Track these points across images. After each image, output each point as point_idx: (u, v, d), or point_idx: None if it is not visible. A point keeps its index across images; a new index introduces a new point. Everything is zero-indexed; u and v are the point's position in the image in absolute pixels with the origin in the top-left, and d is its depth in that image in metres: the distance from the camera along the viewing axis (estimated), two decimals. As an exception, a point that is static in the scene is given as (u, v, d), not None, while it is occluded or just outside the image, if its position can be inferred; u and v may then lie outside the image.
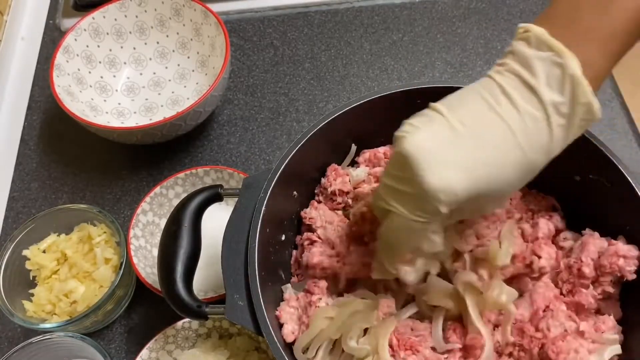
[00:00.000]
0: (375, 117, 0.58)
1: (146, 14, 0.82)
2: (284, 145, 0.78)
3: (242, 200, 0.54)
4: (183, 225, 0.54)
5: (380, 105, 0.57)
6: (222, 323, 0.61)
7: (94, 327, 0.64)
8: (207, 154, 0.79)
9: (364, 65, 0.85)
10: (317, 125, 0.56)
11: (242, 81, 0.85)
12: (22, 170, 0.79)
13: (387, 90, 0.57)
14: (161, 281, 0.52)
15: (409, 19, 0.89)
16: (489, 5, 0.89)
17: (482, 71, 0.82)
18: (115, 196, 0.76)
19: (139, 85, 0.83)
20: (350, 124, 0.58)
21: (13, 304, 0.61)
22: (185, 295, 0.51)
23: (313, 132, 0.55)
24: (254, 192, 0.53)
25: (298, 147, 0.55)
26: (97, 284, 0.64)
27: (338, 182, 0.58)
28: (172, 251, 0.53)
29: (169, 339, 0.60)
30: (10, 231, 0.73)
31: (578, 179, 0.55)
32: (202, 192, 0.56)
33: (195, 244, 0.54)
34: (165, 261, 0.53)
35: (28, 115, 0.84)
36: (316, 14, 0.90)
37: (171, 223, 0.55)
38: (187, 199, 0.56)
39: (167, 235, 0.54)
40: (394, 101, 0.57)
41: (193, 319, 0.54)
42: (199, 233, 0.55)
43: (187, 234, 0.54)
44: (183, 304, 0.51)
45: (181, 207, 0.55)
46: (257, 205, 0.52)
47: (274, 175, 0.53)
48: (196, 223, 0.55)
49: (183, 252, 0.53)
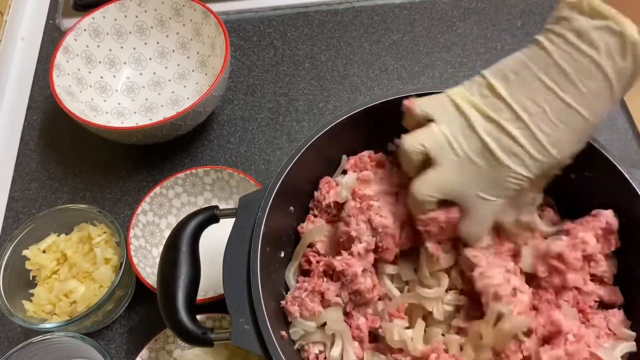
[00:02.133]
0: (363, 128, 0.58)
1: (146, 14, 0.82)
2: (284, 145, 0.78)
3: (240, 221, 0.52)
4: (181, 250, 0.52)
5: (367, 116, 0.57)
6: (222, 323, 0.61)
7: (94, 327, 0.64)
8: (207, 154, 0.79)
9: (364, 65, 0.85)
10: (309, 140, 0.55)
11: (242, 81, 0.85)
12: (22, 170, 0.79)
13: (371, 101, 0.57)
14: (163, 310, 0.50)
15: (409, 19, 0.89)
16: (489, 5, 0.89)
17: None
18: (115, 196, 0.76)
19: (139, 85, 0.83)
20: (339, 137, 0.57)
21: (13, 304, 0.61)
22: (189, 323, 0.49)
23: (306, 148, 0.54)
24: (251, 211, 0.52)
25: (292, 164, 0.54)
26: (97, 284, 0.64)
27: (332, 195, 0.57)
28: (172, 279, 0.51)
29: (169, 338, 0.60)
30: (10, 231, 0.73)
31: (574, 177, 0.54)
32: (197, 215, 0.54)
33: (195, 269, 0.52)
34: (166, 290, 0.51)
35: (28, 115, 0.84)
36: (316, 14, 0.90)
37: (168, 249, 0.53)
38: (183, 223, 0.54)
39: (166, 262, 0.52)
40: (380, 111, 0.56)
41: (198, 347, 0.52)
42: (197, 257, 0.53)
43: (186, 259, 0.52)
44: (187, 332, 0.49)
45: (177, 231, 0.53)
46: (255, 225, 0.51)
47: (271, 193, 0.52)
48: (194, 247, 0.53)
49: (183, 278, 0.51)
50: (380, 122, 0.57)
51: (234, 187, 0.70)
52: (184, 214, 0.71)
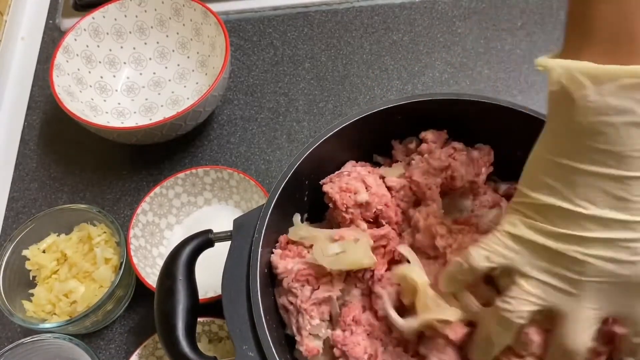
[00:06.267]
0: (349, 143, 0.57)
1: (146, 14, 0.82)
2: (284, 145, 0.78)
3: (236, 243, 0.51)
4: (177, 278, 0.51)
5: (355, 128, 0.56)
6: (212, 327, 0.61)
7: (94, 327, 0.64)
8: (207, 154, 0.79)
9: (364, 65, 0.85)
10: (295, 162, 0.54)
11: (242, 81, 0.85)
12: (22, 170, 0.79)
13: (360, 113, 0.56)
14: (163, 342, 0.49)
15: (409, 19, 0.89)
16: (489, 5, 0.89)
17: (482, 71, 0.83)
18: (115, 196, 0.76)
19: (138, 85, 0.83)
20: (327, 153, 0.56)
21: (13, 304, 0.61)
22: (191, 353, 0.48)
23: (302, 159, 0.53)
24: (247, 233, 0.51)
25: (284, 184, 0.53)
26: (97, 284, 0.64)
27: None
28: (170, 308, 0.50)
29: (157, 344, 0.60)
30: (10, 231, 0.73)
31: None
32: (192, 241, 0.53)
33: (193, 296, 0.51)
34: (165, 320, 0.50)
35: (28, 115, 0.84)
36: (316, 14, 0.90)
37: (165, 278, 0.52)
38: (177, 250, 0.53)
39: (162, 291, 0.51)
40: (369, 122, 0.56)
41: None
42: (194, 284, 0.52)
43: (183, 287, 0.51)
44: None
45: (172, 259, 0.52)
46: (252, 247, 0.49)
47: (266, 213, 0.51)
48: (190, 274, 0.52)
49: (182, 307, 0.50)
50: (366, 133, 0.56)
51: (234, 187, 0.70)
52: (184, 214, 0.71)
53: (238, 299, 0.48)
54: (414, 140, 0.59)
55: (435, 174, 0.55)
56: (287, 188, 0.53)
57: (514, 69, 0.83)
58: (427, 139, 0.57)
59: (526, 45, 0.85)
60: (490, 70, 0.83)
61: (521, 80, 0.81)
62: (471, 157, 0.56)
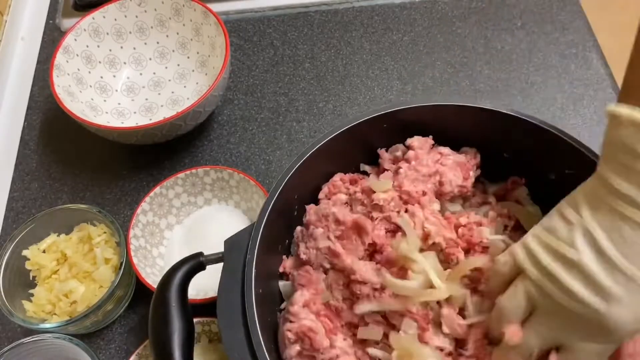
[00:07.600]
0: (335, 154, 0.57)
1: (146, 14, 0.82)
2: (284, 145, 0.78)
3: (228, 265, 0.50)
4: (171, 305, 0.50)
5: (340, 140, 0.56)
6: (212, 327, 0.61)
7: (94, 327, 0.64)
8: (207, 154, 0.79)
9: (364, 65, 0.85)
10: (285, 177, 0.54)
11: (242, 81, 0.85)
12: (22, 170, 0.79)
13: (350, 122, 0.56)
14: None
15: (409, 19, 0.89)
16: (489, 5, 0.89)
17: (482, 71, 0.83)
18: (115, 196, 0.76)
19: (139, 85, 0.83)
20: (314, 167, 0.56)
21: (13, 304, 0.61)
22: None
23: (289, 175, 0.53)
24: (239, 252, 0.50)
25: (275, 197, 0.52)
26: (97, 284, 0.64)
27: None
28: (166, 337, 0.49)
29: None
30: (10, 231, 0.73)
31: (553, 177, 0.54)
32: (183, 266, 0.52)
33: (189, 323, 0.50)
34: (161, 349, 0.48)
35: (28, 115, 0.84)
36: (316, 14, 0.90)
37: (158, 305, 0.51)
38: (169, 275, 0.52)
39: (156, 319, 0.50)
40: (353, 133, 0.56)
41: None
42: (188, 310, 0.51)
43: (177, 314, 0.50)
44: None
45: (164, 285, 0.51)
46: (246, 267, 0.49)
47: (257, 232, 0.50)
48: (184, 300, 0.51)
49: (177, 335, 0.49)
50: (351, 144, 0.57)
51: (234, 187, 0.70)
52: (184, 214, 0.71)
53: (235, 320, 0.48)
54: (400, 147, 0.59)
55: (424, 180, 0.55)
56: (276, 206, 0.52)
57: (514, 69, 0.83)
58: (414, 146, 0.57)
59: (526, 45, 0.85)
60: (490, 70, 0.83)
61: (521, 80, 0.82)
62: (458, 161, 0.56)
